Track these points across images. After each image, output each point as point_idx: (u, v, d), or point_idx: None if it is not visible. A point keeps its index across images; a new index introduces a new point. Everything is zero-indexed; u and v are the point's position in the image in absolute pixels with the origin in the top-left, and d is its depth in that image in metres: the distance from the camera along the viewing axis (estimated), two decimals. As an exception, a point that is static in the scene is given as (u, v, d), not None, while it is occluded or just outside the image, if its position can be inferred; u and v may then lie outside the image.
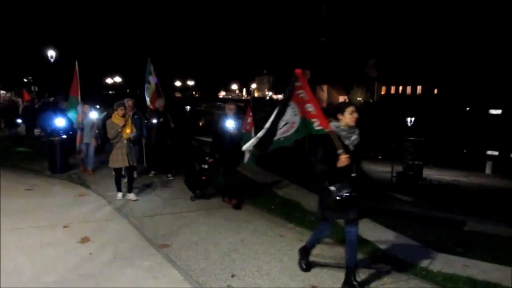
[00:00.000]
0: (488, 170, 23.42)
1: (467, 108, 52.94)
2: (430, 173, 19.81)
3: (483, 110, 50.31)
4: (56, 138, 9.89)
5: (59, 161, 9.70)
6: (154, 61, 11.36)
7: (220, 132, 7.16)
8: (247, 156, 6.51)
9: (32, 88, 34.51)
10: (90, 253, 4.70)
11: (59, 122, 10.11)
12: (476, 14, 55.20)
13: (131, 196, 7.31)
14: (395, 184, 17.64)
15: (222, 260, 4.70)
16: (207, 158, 7.44)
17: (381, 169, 21.37)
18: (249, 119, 8.07)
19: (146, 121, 9.64)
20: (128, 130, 7.12)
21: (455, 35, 56.49)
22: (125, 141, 7.06)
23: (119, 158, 7.06)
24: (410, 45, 59.48)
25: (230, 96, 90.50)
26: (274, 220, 6.68)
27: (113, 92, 62.18)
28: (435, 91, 62.33)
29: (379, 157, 30.49)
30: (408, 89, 67.46)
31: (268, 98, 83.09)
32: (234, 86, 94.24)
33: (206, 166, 7.36)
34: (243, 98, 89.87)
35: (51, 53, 28.34)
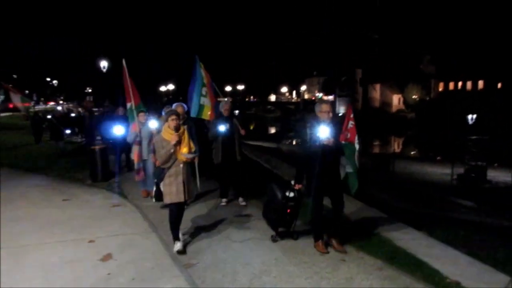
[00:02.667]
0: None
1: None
2: (496, 175, 18.08)
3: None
4: (97, 147, 9.89)
5: (99, 169, 9.68)
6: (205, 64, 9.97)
7: (310, 145, 5.03)
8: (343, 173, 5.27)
9: (88, 98, 36.13)
10: (109, 273, 4.36)
11: (118, 130, 9.17)
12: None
13: (178, 246, 5.10)
14: (456, 187, 16.28)
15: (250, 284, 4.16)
16: (292, 183, 5.34)
17: (440, 171, 19.90)
18: (350, 123, 5.79)
19: (206, 130, 8.19)
20: (185, 149, 5.00)
21: (520, 24, 52.31)
22: (181, 165, 5.02)
23: (173, 190, 5.01)
24: (469, 37, 55.89)
25: (280, 99, 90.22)
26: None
27: (171, 97, 61.20)
28: (499, 85, 57.97)
29: (438, 158, 28.71)
30: (469, 85, 63.34)
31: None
32: (284, 89, 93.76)
33: (292, 194, 5.26)
34: (293, 100, 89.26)
35: (104, 64, 29.36)
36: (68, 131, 15.43)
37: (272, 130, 58.98)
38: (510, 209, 11.19)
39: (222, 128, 6.93)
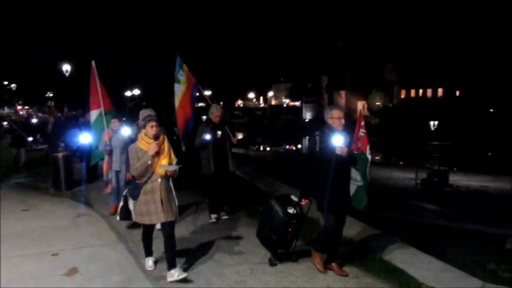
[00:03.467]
0: (518, 175, 22.20)
1: (491, 110, 51.21)
2: (456, 179, 18.76)
3: (508, 112, 48.54)
4: (60, 154, 9.47)
5: (63, 177, 9.27)
6: (169, 69, 8.51)
7: (321, 155, 4.42)
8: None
9: (49, 103, 34.81)
10: (74, 290, 4.11)
11: (84, 138, 8.71)
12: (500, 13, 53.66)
13: (174, 274, 4.27)
14: (420, 191, 16.72)
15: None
16: (293, 198, 4.77)
17: (404, 176, 20.42)
18: (361, 132, 5.28)
19: (175, 138, 7.82)
20: (164, 161, 4.29)
21: (475, 35, 54.94)
22: (159, 180, 4.29)
23: (150, 208, 4.27)
24: (430, 46, 58.12)
25: (248, 105, 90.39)
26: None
27: (144, 103, 58.23)
28: (457, 93, 60.58)
29: (401, 163, 29.49)
30: (429, 92, 65.77)
31: (285, 105, 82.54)
32: (251, 95, 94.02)
33: (294, 211, 4.65)
34: (260, 106, 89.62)
35: (66, 67, 28.38)
36: (30, 138, 14.69)
37: (240, 136, 58.93)
38: (472, 212, 11.60)
39: (208, 137, 6.24)
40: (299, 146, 41.16)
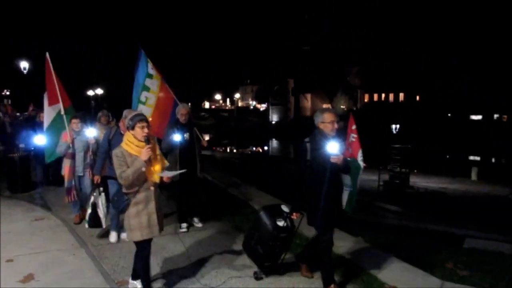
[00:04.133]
0: (474, 176, 23.18)
1: (449, 114, 53.40)
2: (416, 181, 19.39)
3: (464, 116, 50.94)
4: (16, 154, 9.05)
5: (19, 179, 8.87)
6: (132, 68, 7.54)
7: (313, 164, 4.07)
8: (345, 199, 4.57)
9: (5, 101, 33.30)
10: (30, 297, 3.91)
11: (40, 140, 7.94)
12: (457, 20, 55.99)
13: (137, 285, 4.03)
14: (383, 193, 17.15)
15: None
16: (284, 209, 4.48)
17: (367, 178, 20.87)
18: (352, 137, 5.01)
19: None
20: (157, 167, 3.82)
21: (434, 41, 57.14)
22: (152, 188, 3.83)
23: (142, 221, 3.77)
24: (392, 52, 59.93)
25: (213, 107, 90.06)
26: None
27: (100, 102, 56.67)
28: (417, 98, 62.90)
29: (364, 165, 30.18)
30: (391, 97, 67.87)
31: (252, 107, 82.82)
32: (218, 96, 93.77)
33: (284, 224, 4.37)
34: (227, 108, 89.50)
35: (24, 65, 27.22)
36: None
37: (206, 138, 58.44)
38: (431, 213, 12.01)
39: (177, 137, 5.76)
40: (265, 148, 41.37)
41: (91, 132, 6.11)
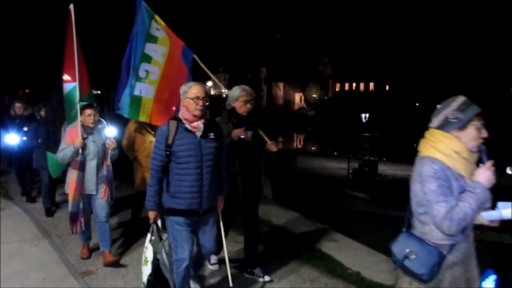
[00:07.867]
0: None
1: (417, 104, 54.84)
2: (385, 169, 19.89)
3: (432, 106, 52.24)
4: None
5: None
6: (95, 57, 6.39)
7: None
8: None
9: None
10: (-12, 290, 3.79)
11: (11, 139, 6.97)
12: (427, 11, 57.21)
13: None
14: (352, 180, 17.51)
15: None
16: None
17: (337, 166, 21.27)
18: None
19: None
20: None
21: (405, 31, 58.23)
22: None
23: None
24: (363, 42, 60.79)
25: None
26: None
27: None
28: (387, 87, 64.22)
29: (335, 153, 30.66)
30: (361, 86, 68.98)
31: (225, 96, 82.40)
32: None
33: None
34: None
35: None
36: None
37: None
38: (397, 199, 12.34)
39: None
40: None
41: (111, 132, 4.42)
